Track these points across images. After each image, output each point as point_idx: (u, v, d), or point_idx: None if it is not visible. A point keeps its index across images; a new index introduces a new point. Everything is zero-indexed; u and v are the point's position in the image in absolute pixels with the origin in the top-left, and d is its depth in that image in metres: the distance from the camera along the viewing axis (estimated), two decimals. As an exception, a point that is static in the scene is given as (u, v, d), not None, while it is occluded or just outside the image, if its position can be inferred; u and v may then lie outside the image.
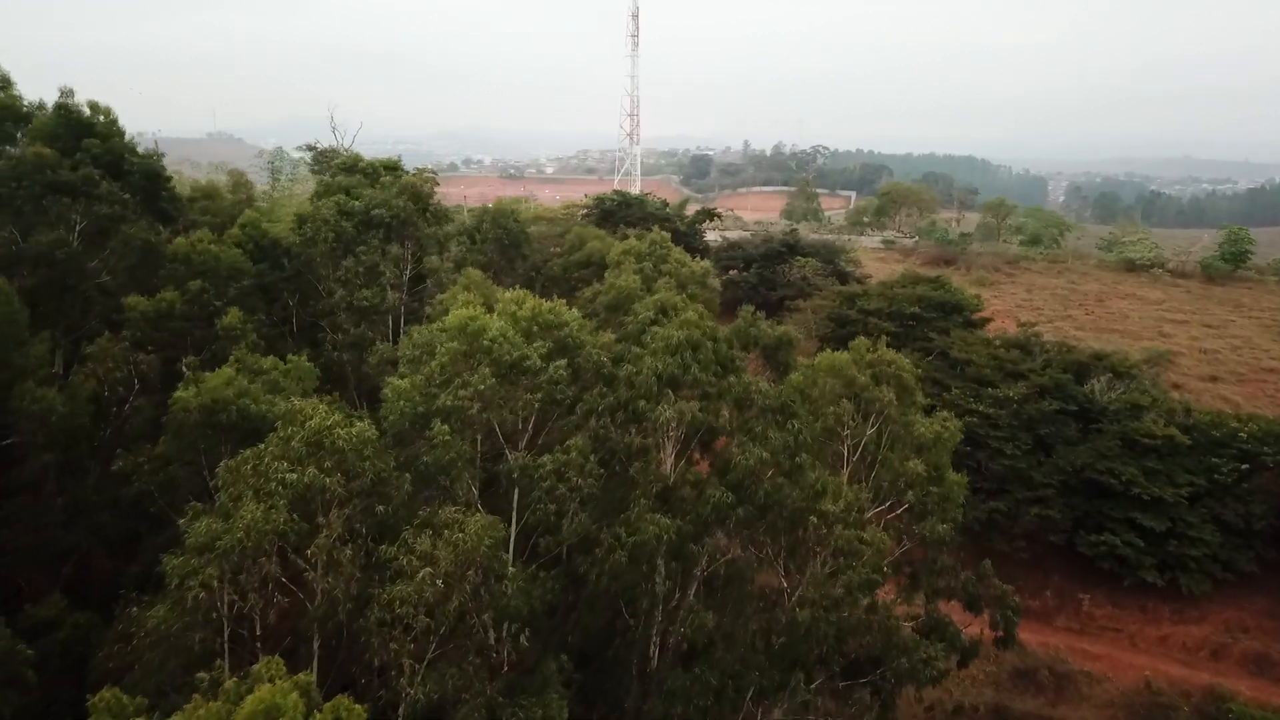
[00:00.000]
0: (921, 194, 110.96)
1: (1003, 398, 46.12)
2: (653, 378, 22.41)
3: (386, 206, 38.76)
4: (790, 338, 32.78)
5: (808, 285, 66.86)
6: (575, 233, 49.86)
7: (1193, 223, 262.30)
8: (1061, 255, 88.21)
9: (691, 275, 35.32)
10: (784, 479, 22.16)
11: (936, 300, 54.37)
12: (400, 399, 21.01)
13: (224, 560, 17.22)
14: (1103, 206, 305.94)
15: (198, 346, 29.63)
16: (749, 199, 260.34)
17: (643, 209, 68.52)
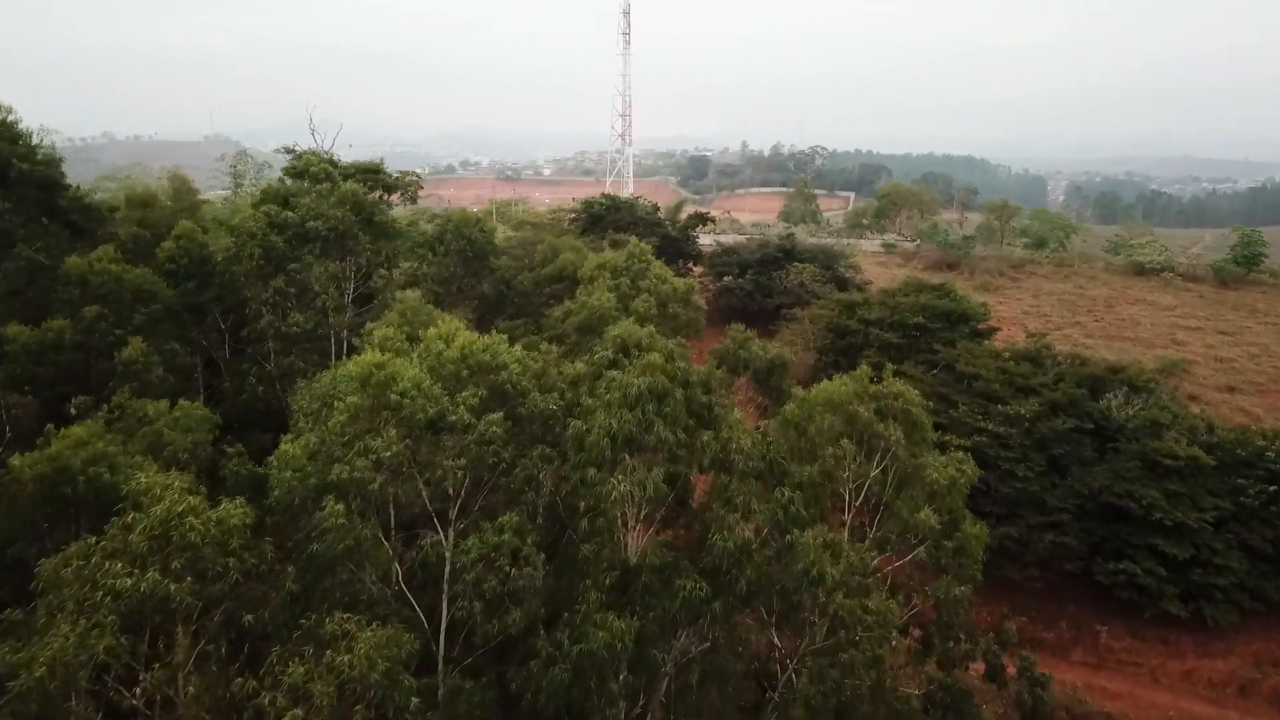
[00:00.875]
0: (922, 195, 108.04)
1: (1013, 415, 43.18)
2: (605, 439, 18.45)
3: (323, 218, 34.79)
4: (783, 360, 29.85)
5: (805, 292, 63.99)
6: (548, 243, 46.61)
7: (1193, 222, 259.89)
8: (1068, 258, 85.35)
9: (673, 293, 32.19)
10: (773, 559, 19.05)
11: (941, 309, 51.45)
12: (287, 469, 17.38)
13: (21, 705, 13.26)
14: (1103, 206, 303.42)
15: (99, 382, 25.71)
16: (747, 200, 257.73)
17: (632, 213, 65.62)
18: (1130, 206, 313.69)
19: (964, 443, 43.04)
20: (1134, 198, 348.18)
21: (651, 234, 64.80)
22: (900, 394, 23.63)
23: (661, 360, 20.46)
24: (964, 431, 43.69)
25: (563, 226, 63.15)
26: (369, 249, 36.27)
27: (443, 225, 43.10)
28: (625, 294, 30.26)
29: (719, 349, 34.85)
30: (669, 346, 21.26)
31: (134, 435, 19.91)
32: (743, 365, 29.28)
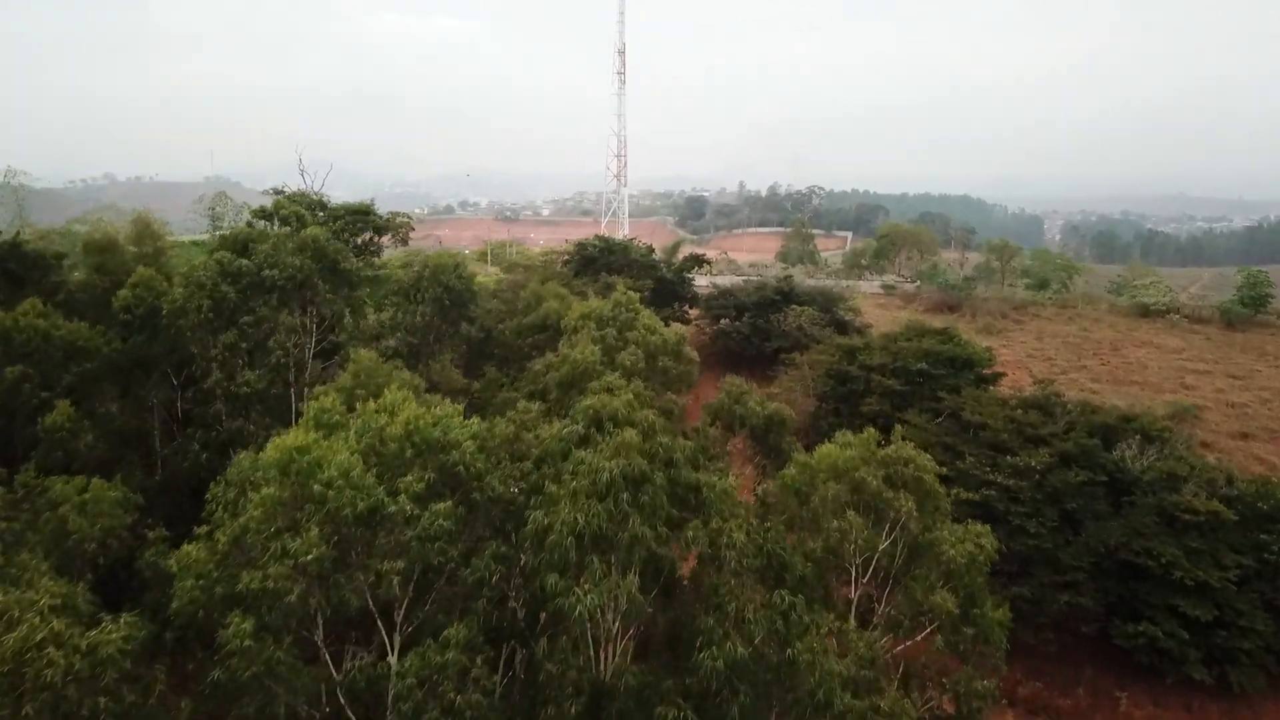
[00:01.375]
0: (921, 235, 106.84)
1: (1023, 467, 41.19)
2: (569, 538, 15.66)
3: (280, 266, 31.97)
4: (782, 417, 27.97)
5: (804, 336, 62.24)
6: (531, 289, 44.76)
7: (1191, 261, 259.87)
8: (1071, 299, 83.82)
9: (663, 345, 30.21)
10: (771, 680, 16.62)
11: (945, 355, 49.68)
12: (190, 575, 14.86)
13: None
14: (1101, 246, 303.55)
15: (24, 450, 23.01)
16: (744, 240, 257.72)
17: (626, 255, 64.06)
18: (1128, 246, 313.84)
19: (972, 496, 41.35)
20: (1131, 237, 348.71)
21: (646, 277, 63.26)
22: (911, 460, 21.63)
23: (639, 438, 18.00)
24: (972, 484, 41.75)
25: (555, 269, 61.59)
26: (330, 299, 33.38)
27: (419, 271, 40.45)
28: (611, 346, 28.30)
29: (713, 404, 32.95)
30: (650, 419, 18.87)
31: (37, 521, 17.55)
32: (739, 422, 27.33)
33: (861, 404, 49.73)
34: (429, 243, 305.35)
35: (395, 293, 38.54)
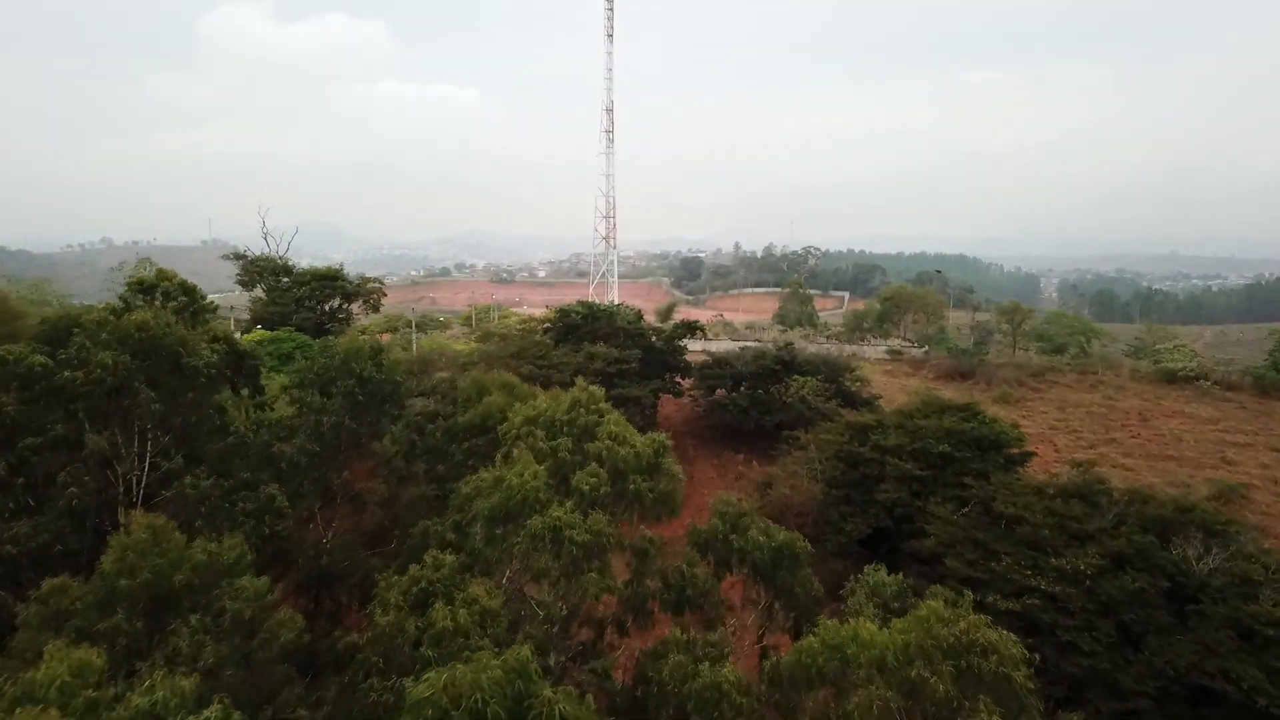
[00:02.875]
0: (927, 297, 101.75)
1: (1070, 571, 35.20)
2: None
3: (88, 366, 23.49)
4: (795, 549, 21.90)
5: (808, 409, 56.55)
6: (472, 378, 38.61)
7: (1191, 319, 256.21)
8: (1091, 365, 78.26)
9: (634, 460, 23.66)
10: None
11: (970, 435, 43.90)
12: None
13: None
14: (1101, 305, 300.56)
15: None
16: (741, 300, 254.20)
17: (612, 322, 58.61)
18: (1127, 305, 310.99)
19: (1012, 605, 35.29)
20: (1129, 295, 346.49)
21: (633, 345, 57.75)
22: (990, 645, 15.23)
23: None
24: (1009, 590, 35.73)
25: (534, 338, 56.14)
26: (156, 408, 24.41)
27: (326, 360, 33.07)
28: (565, 463, 22.20)
29: (702, 531, 27.08)
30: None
31: None
32: (737, 556, 21.45)
33: (876, 491, 43.85)
34: (423, 304, 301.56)
35: (300, 384, 31.61)
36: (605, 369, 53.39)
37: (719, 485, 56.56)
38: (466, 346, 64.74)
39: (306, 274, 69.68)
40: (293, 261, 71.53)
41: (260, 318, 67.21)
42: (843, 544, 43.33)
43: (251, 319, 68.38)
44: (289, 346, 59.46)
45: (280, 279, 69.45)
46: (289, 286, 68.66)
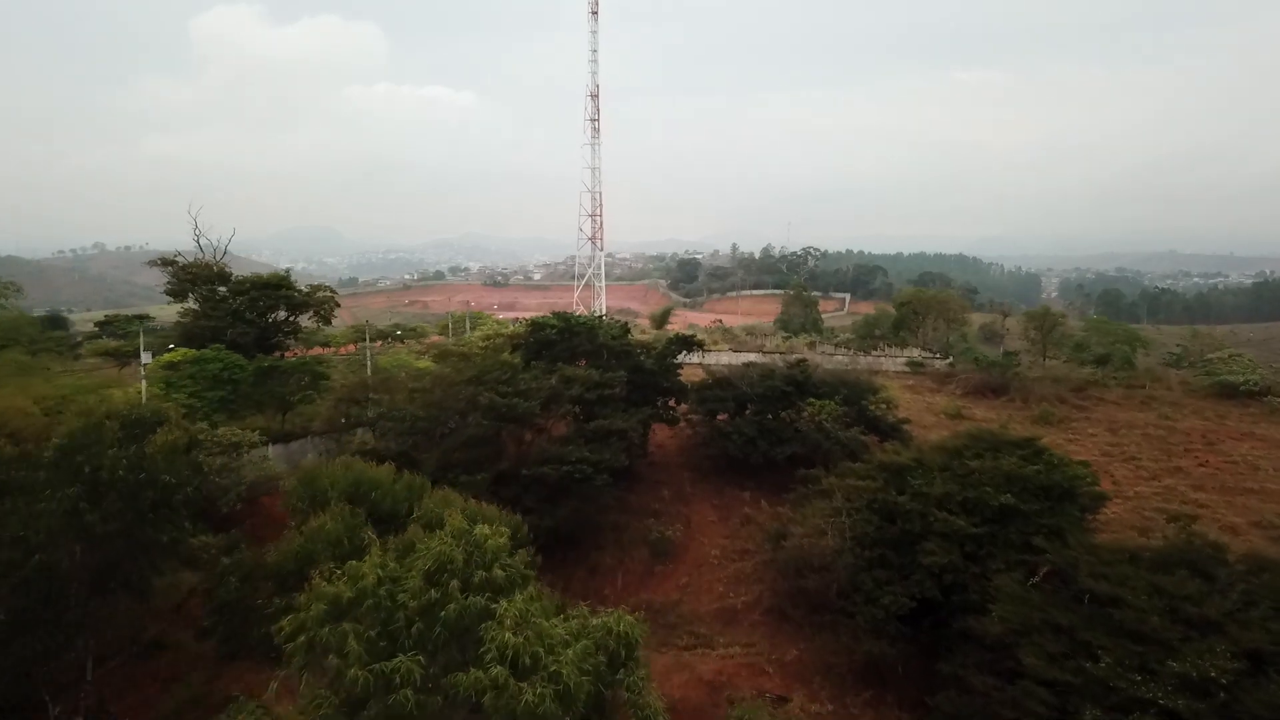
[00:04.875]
0: (949, 301, 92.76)
1: (1197, 678, 26.31)
2: None
3: None
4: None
5: (826, 439, 47.72)
6: (304, 473, 27.99)
7: (1198, 318, 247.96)
8: (1138, 378, 69.39)
9: (574, 686, 12.91)
10: None
11: (1037, 483, 34.96)
12: None
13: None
14: (1107, 305, 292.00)
15: None
16: (740, 303, 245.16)
17: (592, 337, 49.54)
18: (1134, 304, 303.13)
19: (1120, 727, 26.42)
20: (1135, 294, 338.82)
21: (618, 365, 48.74)
22: None
23: None
24: (1113, 702, 26.86)
25: (500, 358, 47.14)
26: None
27: (58, 443, 20.68)
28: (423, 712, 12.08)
29: None
30: None
31: None
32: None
33: (919, 551, 34.94)
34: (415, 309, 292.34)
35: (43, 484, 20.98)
36: (584, 395, 44.47)
37: (720, 531, 47.58)
38: (427, 365, 55.82)
39: (246, 282, 60.58)
40: (228, 267, 62.43)
41: (190, 333, 58.13)
42: (879, 620, 34.42)
43: (179, 334, 59.35)
44: (214, 368, 50.54)
45: (216, 288, 60.30)
46: (225, 296, 59.49)
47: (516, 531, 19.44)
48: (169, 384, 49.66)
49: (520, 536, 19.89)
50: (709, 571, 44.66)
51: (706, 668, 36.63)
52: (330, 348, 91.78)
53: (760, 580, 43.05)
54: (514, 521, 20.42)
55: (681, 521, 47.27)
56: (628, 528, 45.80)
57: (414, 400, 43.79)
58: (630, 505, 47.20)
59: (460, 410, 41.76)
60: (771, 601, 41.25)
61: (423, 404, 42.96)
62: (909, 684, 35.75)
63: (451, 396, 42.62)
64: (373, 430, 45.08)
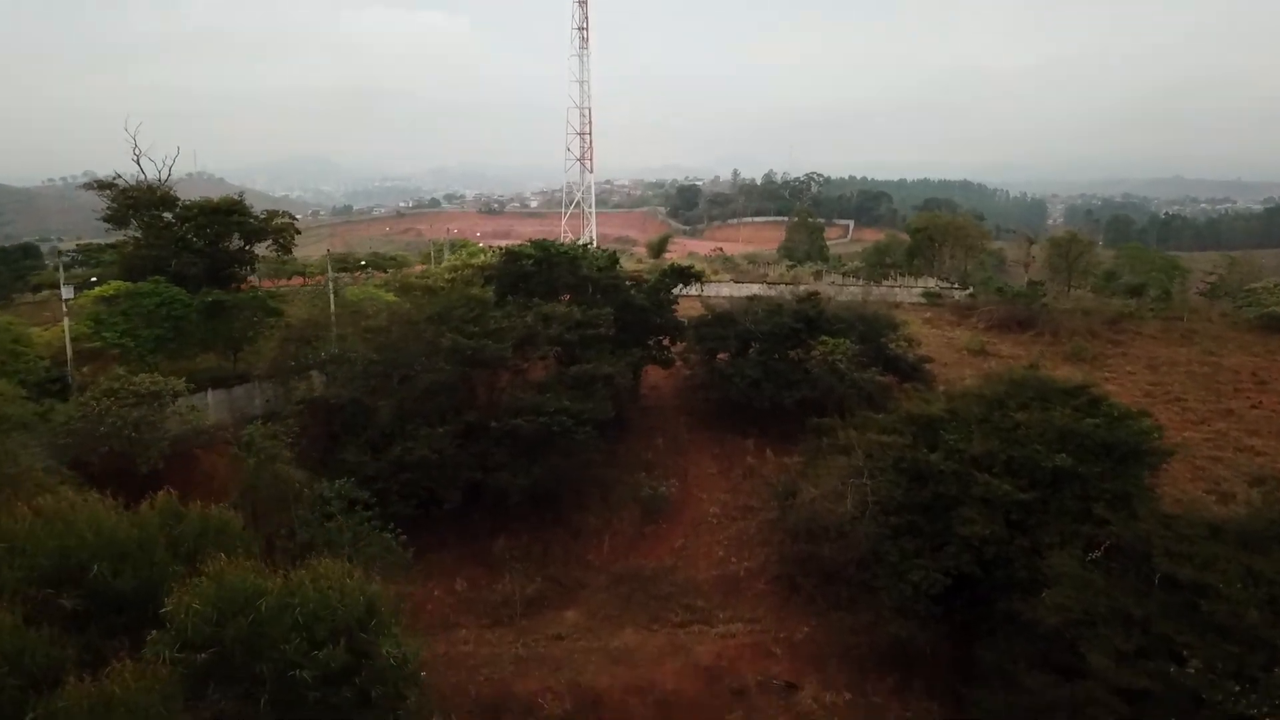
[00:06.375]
0: (967, 228, 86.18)
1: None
2: None
3: None
4: None
5: (841, 382, 42.21)
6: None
7: (1208, 245, 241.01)
8: (1176, 311, 63.61)
9: None
10: None
11: (1097, 439, 29.48)
12: None
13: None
14: (1116, 231, 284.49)
15: None
16: (741, 231, 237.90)
17: (575, 268, 43.50)
18: (1143, 231, 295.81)
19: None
20: (1143, 220, 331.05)
21: (605, 300, 42.88)
22: None
23: None
24: (1204, 718, 21.83)
25: (469, 293, 41.18)
26: None
27: None
28: None
29: None
30: None
31: None
32: None
33: (955, 520, 29.68)
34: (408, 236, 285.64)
35: None
36: (565, 336, 38.77)
37: (720, 485, 42.33)
38: (394, 300, 49.98)
39: (194, 207, 54.28)
40: (173, 190, 56.11)
41: (132, 264, 52.14)
42: (906, 598, 29.31)
43: (120, 266, 53.39)
44: (151, 303, 44.70)
45: (160, 214, 54.06)
46: (171, 224, 53.31)
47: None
48: (99, 321, 43.98)
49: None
50: (707, 533, 39.55)
51: (704, 650, 31.68)
52: (305, 278, 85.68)
53: (766, 543, 37.96)
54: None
55: (677, 475, 42.01)
56: (616, 483, 40.52)
57: (368, 341, 38.12)
58: (619, 457, 41.85)
59: (421, 353, 36.16)
60: (779, 569, 36.20)
61: (378, 345, 37.32)
62: (939, 670, 30.85)
63: (411, 337, 36.97)
64: (325, 375, 39.58)
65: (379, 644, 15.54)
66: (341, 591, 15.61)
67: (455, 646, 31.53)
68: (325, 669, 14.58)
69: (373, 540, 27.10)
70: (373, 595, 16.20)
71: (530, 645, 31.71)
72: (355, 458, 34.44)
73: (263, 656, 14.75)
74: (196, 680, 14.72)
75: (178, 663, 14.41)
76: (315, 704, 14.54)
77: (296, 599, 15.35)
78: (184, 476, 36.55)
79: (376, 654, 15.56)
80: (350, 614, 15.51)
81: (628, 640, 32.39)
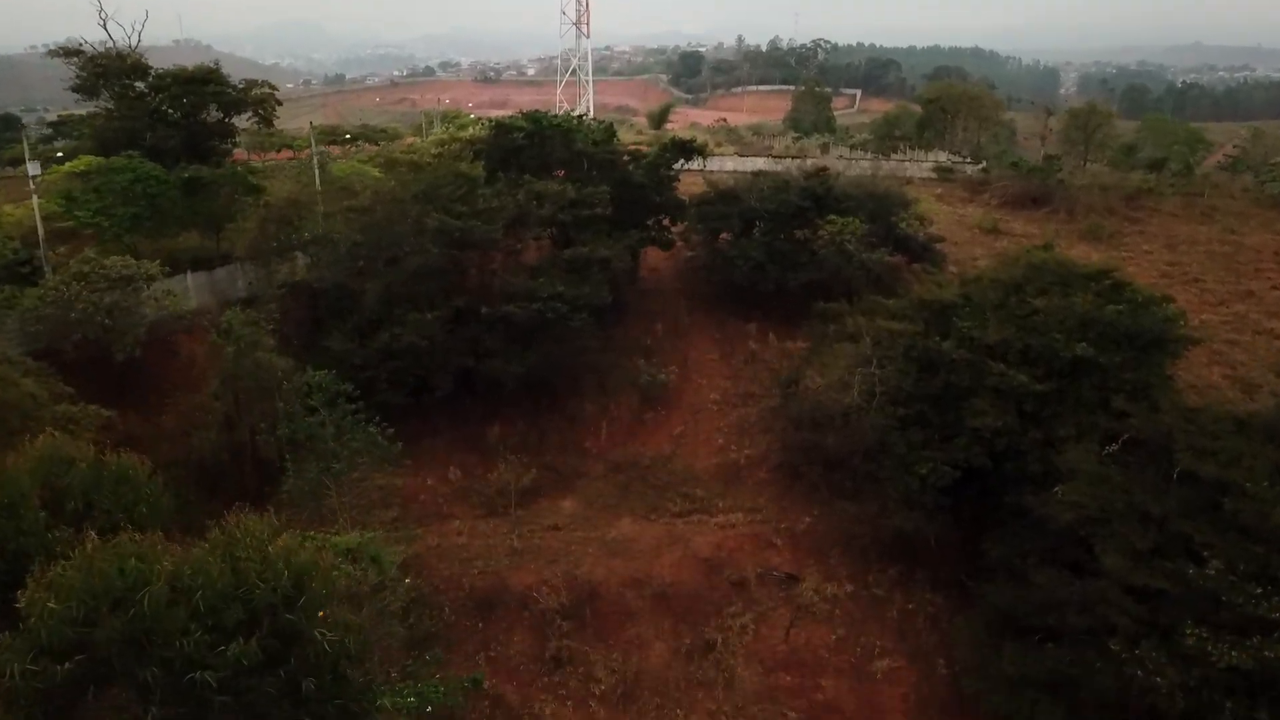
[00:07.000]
0: (982, 99, 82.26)
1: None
2: None
3: None
4: None
5: (849, 264, 40.45)
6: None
7: (1226, 115, 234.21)
8: (1198, 186, 61.05)
9: None
10: None
11: (1119, 327, 27.93)
12: None
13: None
14: (1132, 100, 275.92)
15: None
16: (745, 100, 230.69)
17: (570, 143, 40.97)
18: (1159, 100, 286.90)
19: (1240, 656, 20.66)
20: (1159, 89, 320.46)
21: (602, 177, 40.59)
22: None
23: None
24: (1228, 620, 21.01)
25: (457, 168, 38.87)
26: None
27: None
28: None
29: None
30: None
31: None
32: None
33: (966, 411, 28.46)
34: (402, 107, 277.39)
35: None
36: (558, 216, 36.74)
37: (721, 372, 41.07)
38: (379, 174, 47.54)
39: (167, 76, 51.21)
40: (143, 56, 52.92)
41: (104, 137, 49.54)
42: (914, 491, 28.37)
43: (92, 139, 50.78)
44: (124, 180, 42.47)
45: (131, 83, 51.06)
46: (144, 94, 50.40)
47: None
48: (70, 199, 41.87)
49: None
50: (707, 420, 38.51)
51: (703, 541, 31.03)
52: (294, 152, 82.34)
53: (768, 431, 36.94)
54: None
55: (676, 361, 40.69)
56: (613, 369, 39.21)
57: (352, 222, 36.12)
58: (616, 342, 40.43)
59: (407, 234, 34.25)
60: (781, 457, 35.30)
61: (362, 226, 35.36)
62: (944, 563, 30.23)
63: (396, 217, 34.97)
64: (309, 257, 37.77)
65: (310, 625, 12.64)
66: (262, 563, 12.60)
67: (448, 538, 30.94)
68: (236, 665, 11.83)
69: (357, 434, 25.91)
70: (303, 565, 12.98)
71: (526, 536, 31.09)
72: (341, 345, 33.06)
73: (150, 659, 11.89)
74: (61, 697, 11.98)
75: (32, 676, 11.59)
76: (224, 708, 11.94)
77: (199, 580, 12.40)
78: (164, 365, 35.42)
79: (307, 638, 12.66)
80: (272, 592, 12.52)
81: (625, 531, 31.77)
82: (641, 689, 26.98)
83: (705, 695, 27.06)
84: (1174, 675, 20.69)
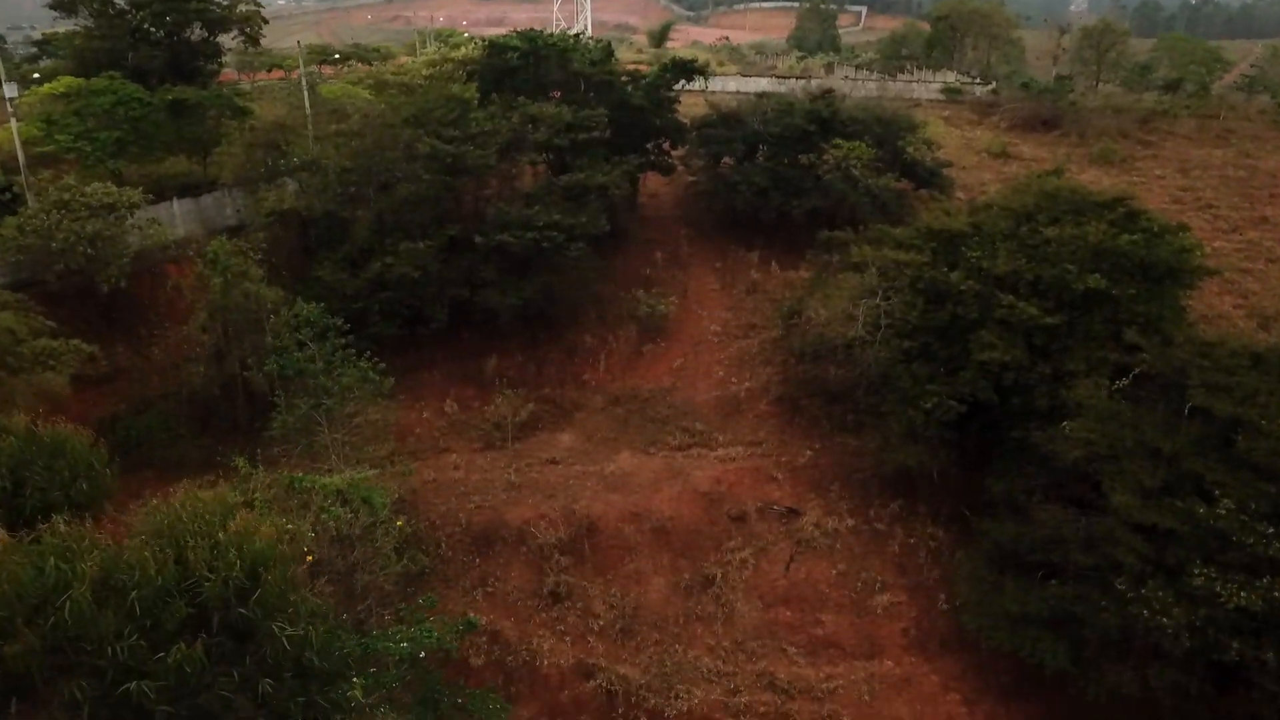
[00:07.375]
0: (994, 17, 79.51)
1: (1354, 535, 19.97)
2: None
3: None
4: None
5: (855, 190, 39.34)
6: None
7: (1241, 33, 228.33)
8: (1213, 108, 59.30)
9: None
10: None
11: (1134, 257, 27.04)
12: None
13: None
14: (1144, 17, 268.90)
15: None
16: (748, 17, 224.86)
17: (566, 64, 39.45)
18: (1172, 17, 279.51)
19: (1248, 597, 20.35)
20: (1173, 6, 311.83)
21: (599, 100, 39.17)
22: None
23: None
24: (1236, 560, 20.66)
25: (449, 90, 37.44)
26: None
27: None
28: None
29: None
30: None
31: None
32: None
33: (973, 343, 27.76)
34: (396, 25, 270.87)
35: None
36: (554, 140, 35.51)
37: (722, 302, 40.28)
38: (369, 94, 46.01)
39: (144, -10, 49.19)
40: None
41: (84, 57, 47.90)
42: (918, 425, 27.83)
43: (71, 59, 49.12)
44: (106, 102, 41.13)
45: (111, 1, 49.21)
46: (124, 11, 48.56)
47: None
48: (50, 122, 40.54)
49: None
50: (708, 351, 37.86)
51: (703, 475, 30.62)
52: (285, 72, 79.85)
53: (769, 362, 36.34)
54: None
55: (676, 291, 39.89)
56: (612, 300, 38.50)
57: (341, 147, 34.93)
58: (615, 272, 39.61)
59: (399, 160, 33.11)
60: (781, 390, 34.74)
61: (352, 151, 34.18)
62: (946, 498, 29.89)
63: (387, 142, 33.76)
64: (298, 184, 36.63)
65: (267, 620, 11.40)
66: (211, 552, 11.20)
67: (445, 472, 30.53)
68: (178, 671, 10.58)
69: (348, 369, 25.27)
70: (259, 552, 11.56)
71: (523, 470, 30.67)
72: (332, 275, 32.25)
73: (80, 669, 10.69)
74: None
75: None
76: (169, 719, 10.72)
77: (134, 577, 10.97)
78: (152, 295, 34.66)
79: (264, 633, 11.43)
80: (223, 584, 11.23)
81: (624, 464, 31.33)
82: (640, 624, 26.83)
83: (704, 630, 26.92)
84: (1180, 615, 20.41)
